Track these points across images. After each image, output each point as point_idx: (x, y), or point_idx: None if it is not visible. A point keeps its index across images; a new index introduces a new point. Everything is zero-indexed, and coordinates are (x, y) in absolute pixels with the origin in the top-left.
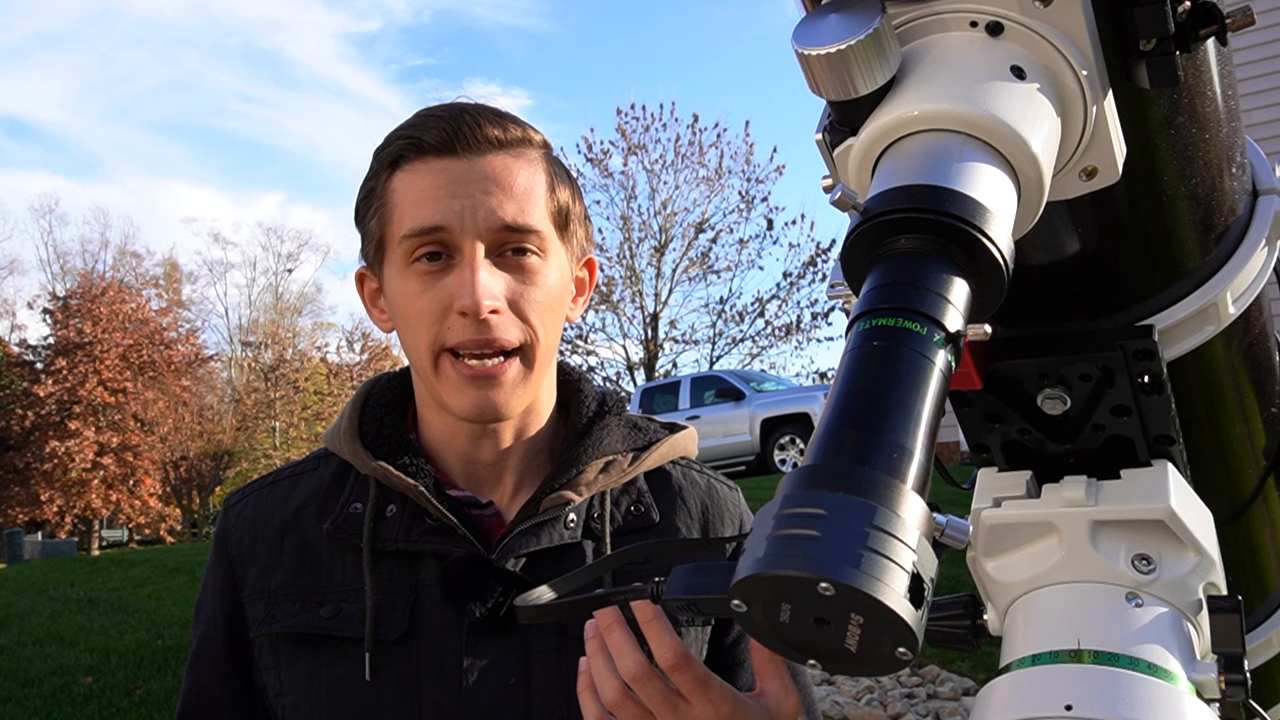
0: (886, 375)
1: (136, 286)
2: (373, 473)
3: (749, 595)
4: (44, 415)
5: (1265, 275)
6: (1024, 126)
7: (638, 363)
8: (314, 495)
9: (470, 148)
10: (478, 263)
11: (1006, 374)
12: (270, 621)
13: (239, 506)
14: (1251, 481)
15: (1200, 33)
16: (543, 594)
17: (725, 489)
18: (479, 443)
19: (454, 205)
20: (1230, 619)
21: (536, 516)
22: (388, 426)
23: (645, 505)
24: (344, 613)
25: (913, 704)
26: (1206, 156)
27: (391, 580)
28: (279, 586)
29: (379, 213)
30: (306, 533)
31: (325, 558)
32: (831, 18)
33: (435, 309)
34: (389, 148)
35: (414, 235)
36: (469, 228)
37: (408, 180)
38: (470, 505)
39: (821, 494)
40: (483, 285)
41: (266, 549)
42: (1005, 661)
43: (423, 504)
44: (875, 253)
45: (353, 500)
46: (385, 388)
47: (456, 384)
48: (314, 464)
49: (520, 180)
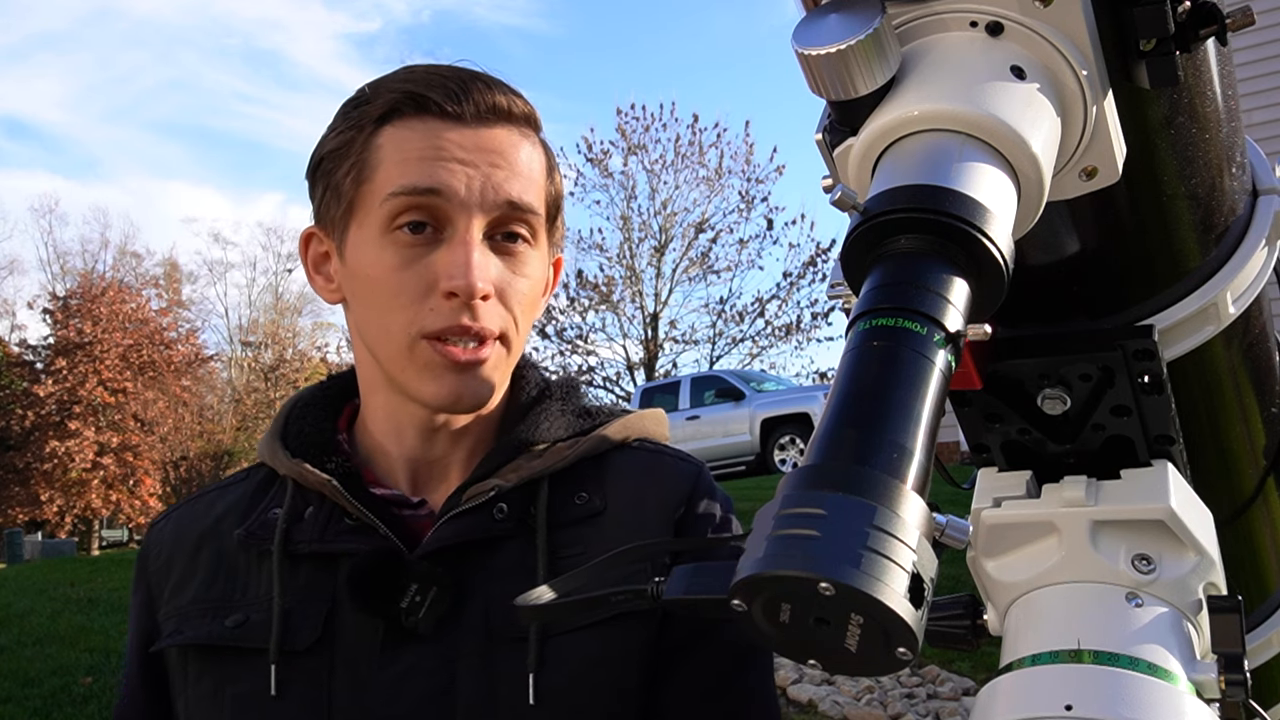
0: (886, 375)
1: (136, 286)
2: (289, 472)
3: (749, 595)
4: (44, 415)
5: (1265, 275)
6: (1024, 126)
7: (638, 363)
8: (236, 505)
9: (478, 115)
10: (474, 240)
11: (1006, 374)
12: (174, 635)
13: (161, 524)
14: (1251, 481)
15: (1200, 33)
16: (542, 594)
17: (680, 463)
18: (431, 437)
19: (458, 171)
20: (1230, 619)
21: (460, 506)
22: (311, 425)
23: (590, 491)
24: (250, 622)
25: (913, 704)
26: (1206, 156)
27: (307, 586)
28: (190, 601)
29: (356, 169)
30: (224, 543)
31: (241, 568)
32: (831, 18)
33: (416, 287)
34: (379, 99)
35: (403, 194)
36: (471, 200)
37: (400, 137)
38: (399, 504)
39: (821, 494)
40: (478, 265)
41: (182, 564)
42: (1005, 661)
43: (339, 501)
44: (875, 253)
45: (272, 505)
46: (313, 392)
47: (435, 370)
48: (242, 474)
49: (524, 158)
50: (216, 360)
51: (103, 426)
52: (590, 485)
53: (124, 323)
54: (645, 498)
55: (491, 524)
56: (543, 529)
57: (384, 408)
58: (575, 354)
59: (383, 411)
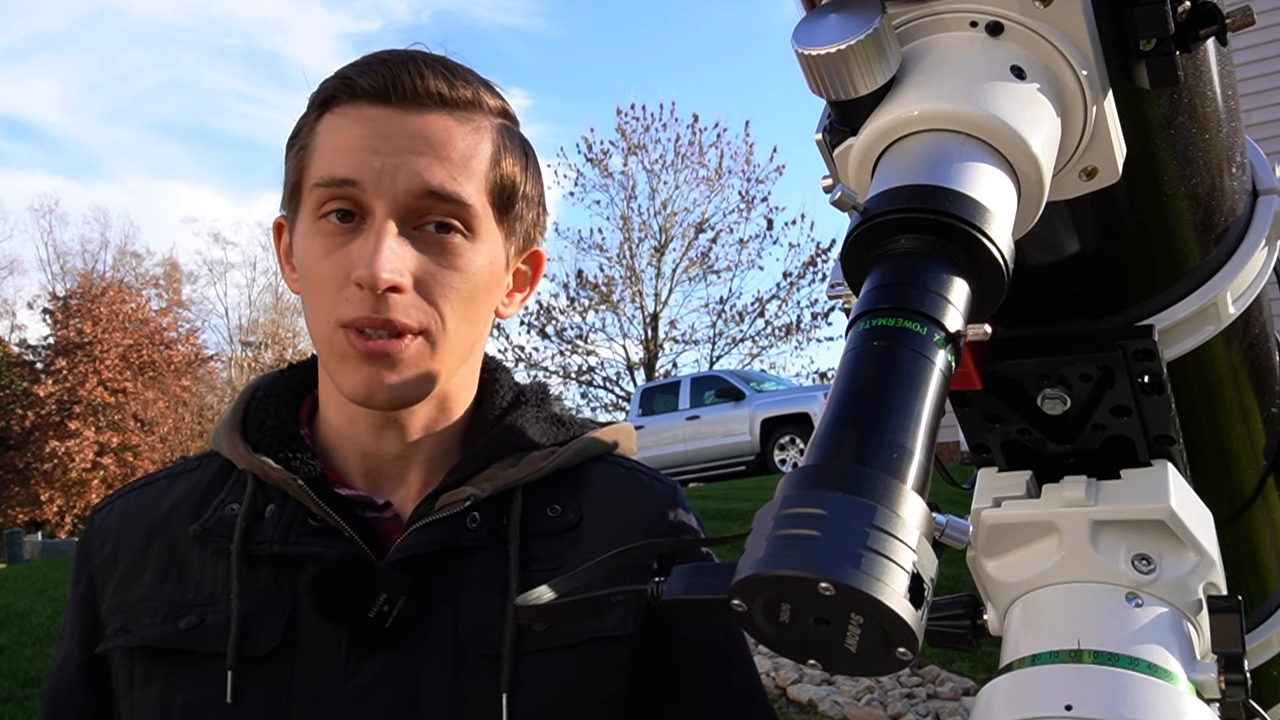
0: (886, 375)
1: (136, 286)
2: (249, 466)
3: (749, 595)
4: (44, 415)
5: (1265, 275)
6: (1024, 126)
7: (638, 363)
8: (189, 496)
9: (407, 100)
10: (385, 230)
11: (1006, 374)
12: (123, 635)
13: (105, 511)
14: (1251, 481)
15: (1200, 33)
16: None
17: (656, 484)
18: (381, 434)
19: (374, 160)
20: (1230, 619)
21: (432, 514)
22: (272, 418)
23: (564, 504)
24: (206, 624)
25: (913, 704)
26: (1206, 156)
27: (267, 589)
28: (139, 599)
29: (299, 155)
30: (176, 538)
31: (195, 565)
32: (831, 18)
33: (335, 276)
34: (324, 85)
35: (323, 185)
36: (385, 188)
37: (333, 124)
38: (364, 506)
39: (821, 494)
40: (384, 257)
41: (129, 556)
42: (1005, 661)
43: (304, 501)
44: (875, 253)
45: (229, 500)
46: (274, 380)
47: (351, 361)
48: (194, 463)
49: (460, 145)
50: (216, 360)
51: (103, 426)
52: (564, 497)
53: (124, 323)
54: (624, 514)
55: (464, 533)
56: (515, 540)
57: (335, 401)
58: (575, 354)
59: (335, 405)
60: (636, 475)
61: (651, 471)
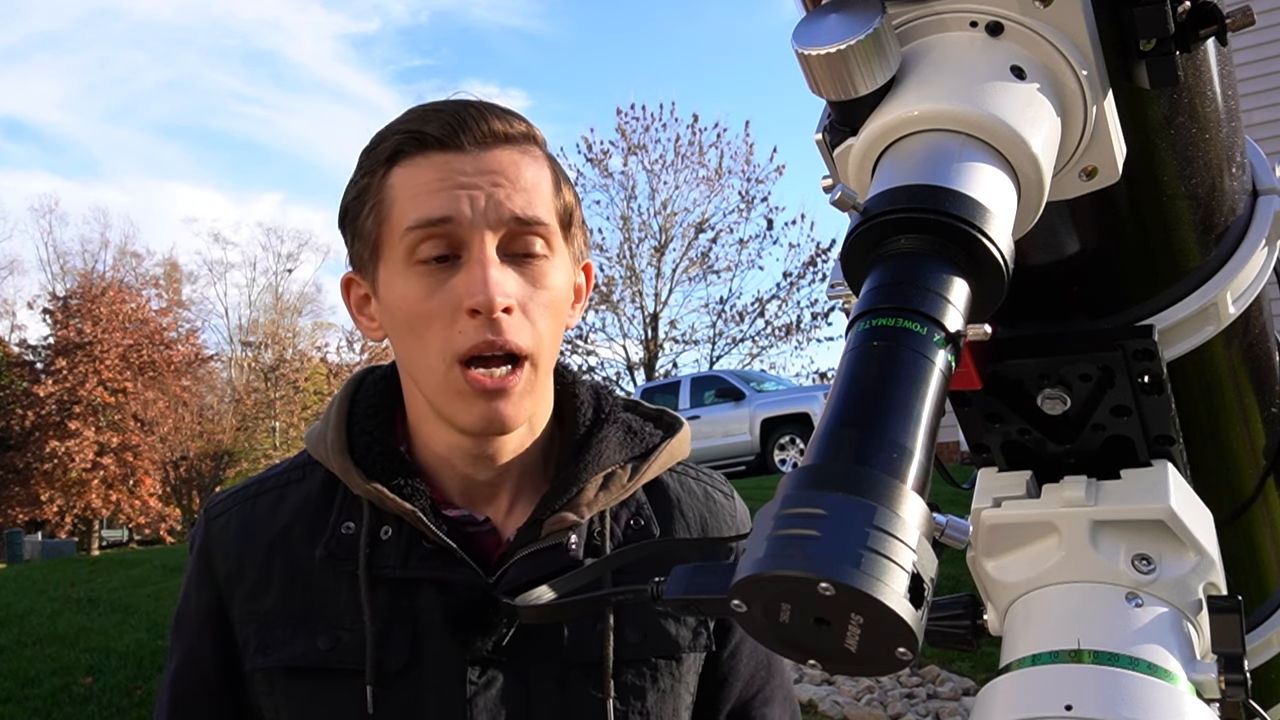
0: (886, 375)
1: (136, 286)
2: (366, 494)
3: (749, 595)
4: (44, 415)
5: (1265, 275)
6: (1024, 126)
7: (638, 363)
8: (302, 512)
9: (476, 141)
10: (489, 257)
11: (1006, 374)
12: (265, 652)
13: (222, 520)
14: (1251, 481)
15: (1200, 33)
16: (543, 594)
17: (722, 496)
18: (478, 460)
19: (462, 197)
20: (1230, 619)
21: (539, 542)
22: (379, 442)
23: (645, 519)
24: (343, 644)
25: (913, 704)
26: (1206, 156)
27: (389, 608)
28: (269, 612)
29: (375, 211)
30: (296, 554)
31: (317, 582)
32: (831, 18)
33: (444, 312)
34: (385, 143)
35: (418, 228)
36: (479, 220)
37: (409, 174)
38: (467, 524)
39: (821, 494)
40: (495, 281)
41: (254, 570)
42: (1005, 661)
43: (420, 528)
44: (875, 253)
45: (344, 519)
46: (372, 391)
47: (468, 397)
48: (299, 474)
49: (528, 175)
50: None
51: (103, 426)
52: (644, 512)
53: (124, 323)
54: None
55: (566, 558)
56: None
57: (434, 436)
58: (575, 354)
59: (433, 440)
60: (705, 487)
61: (714, 481)
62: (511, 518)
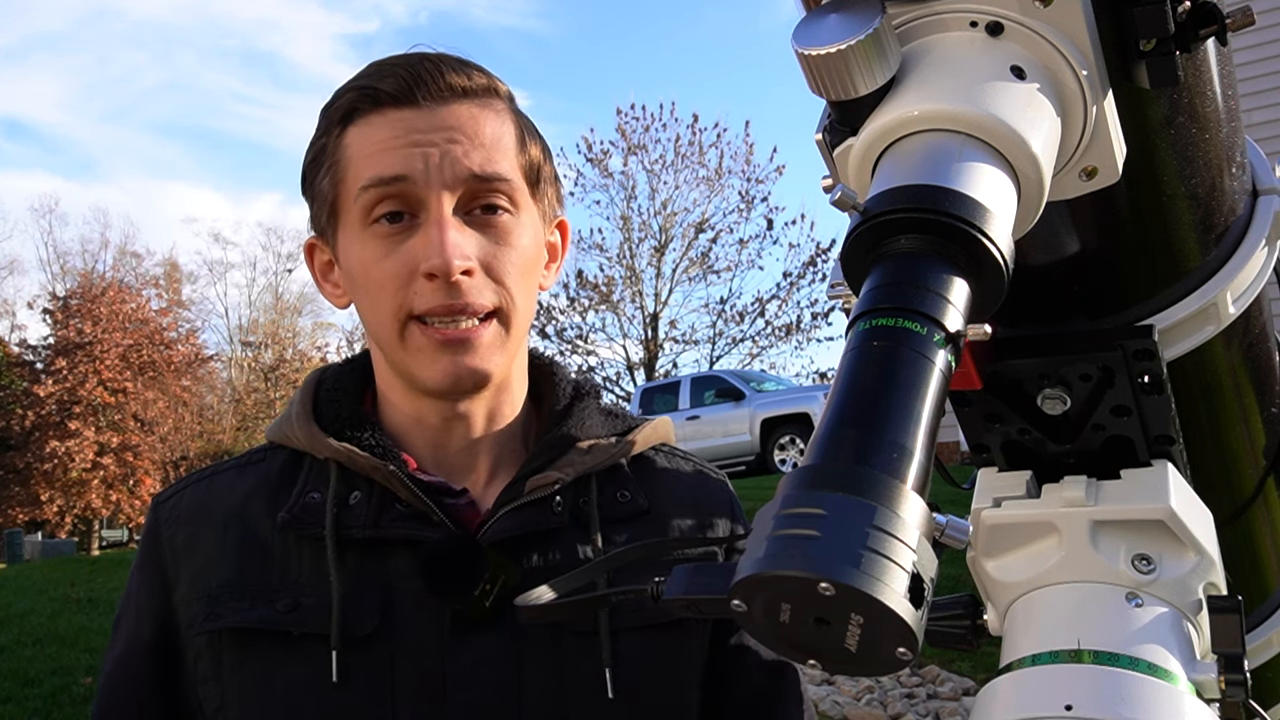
0: (886, 375)
1: (136, 286)
2: (334, 454)
3: (749, 595)
4: (44, 415)
5: (1265, 275)
6: (1024, 126)
7: (638, 363)
8: (262, 486)
9: (432, 96)
10: (446, 218)
11: (1006, 374)
12: (213, 619)
13: (172, 500)
14: (1251, 481)
15: (1200, 33)
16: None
17: (712, 477)
18: (450, 425)
19: (416, 154)
20: (1230, 619)
21: (522, 498)
22: (346, 408)
23: (632, 491)
24: (304, 607)
25: (913, 704)
26: (1206, 156)
27: (358, 572)
28: (221, 585)
29: (331, 171)
30: (254, 526)
31: (278, 552)
32: (831, 18)
33: (400, 273)
34: (340, 101)
35: (372, 186)
36: (434, 178)
37: (363, 133)
38: (443, 493)
39: (821, 494)
40: (452, 244)
41: (206, 544)
42: (1005, 661)
43: (393, 487)
44: (875, 253)
45: (309, 490)
46: (337, 373)
47: (428, 352)
48: (259, 455)
49: (488, 129)
50: (216, 360)
51: (103, 426)
52: (630, 485)
53: (124, 323)
54: (691, 504)
55: (551, 517)
56: (596, 522)
57: (401, 402)
58: (575, 354)
59: (401, 406)
60: (695, 465)
61: (703, 463)
62: (490, 490)
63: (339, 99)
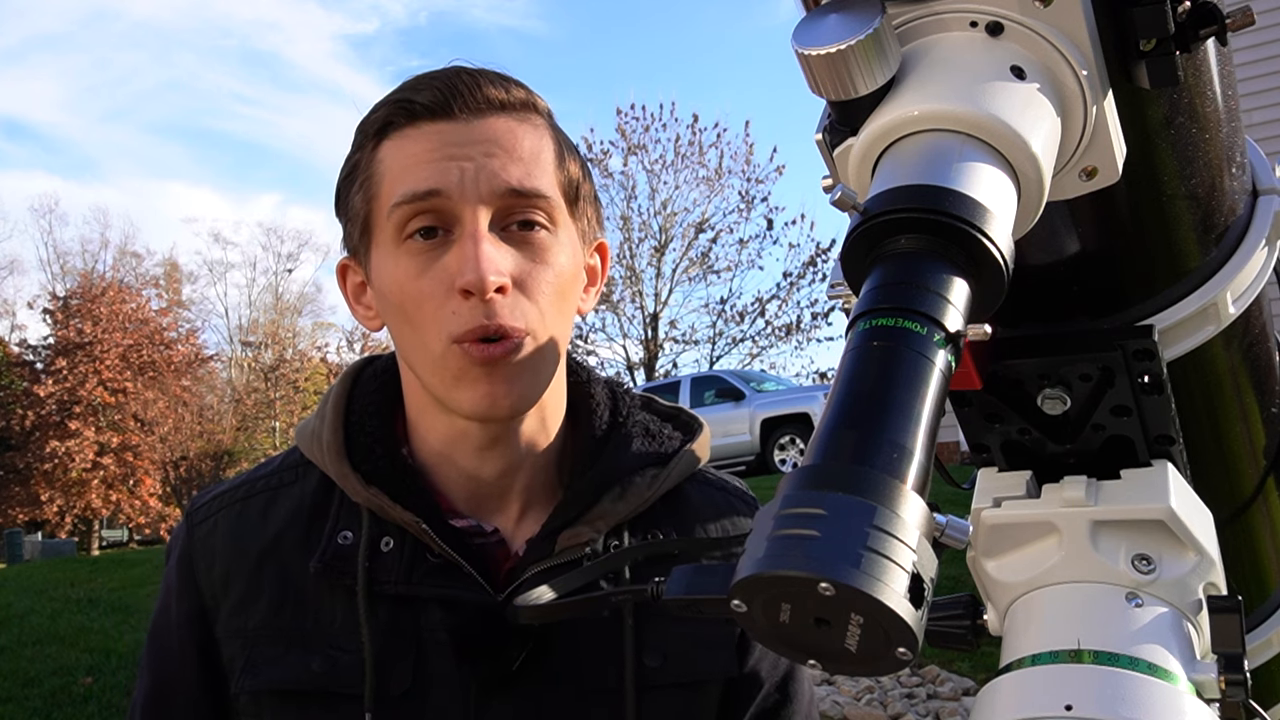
0: (886, 375)
1: (136, 286)
2: (365, 502)
3: (749, 595)
4: (44, 415)
5: (1265, 275)
6: (1024, 126)
7: (638, 363)
8: (296, 519)
9: (469, 109)
10: (481, 232)
11: (1006, 374)
12: (252, 673)
13: (208, 525)
14: (1251, 481)
15: (1200, 33)
16: (543, 594)
17: (742, 505)
18: (484, 455)
19: (452, 168)
20: (1230, 619)
21: (552, 558)
22: (380, 444)
23: (663, 533)
24: (339, 665)
25: (913, 704)
26: (1206, 156)
27: (390, 627)
28: (257, 628)
29: (364, 187)
30: (288, 565)
31: (311, 596)
32: (831, 18)
33: (436, 292)
34: (374, 115)
35: (406, 202)
36: (470, 192)
37: (397, 146)
38: (474, 535)
39: (821, 494)
40: (488, 258)
41: (243, 581)
42: (1005, 661)
43: (424, 540)
44: (875, 253)
45: (340, 528)
46: (371, 385)
47: (466, 376)
48: (292, 475)
49: (526, 144)
50: (216, 360)
51: (103, 426)
52: (664, 524)
53: (124, 323)
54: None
55: None
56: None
57: (435, 428)
58: (575, 354)
59: (435, 431)
60: (728, 498)
61: (734, 488)
62: (522, 528)
63: (374, 113)
